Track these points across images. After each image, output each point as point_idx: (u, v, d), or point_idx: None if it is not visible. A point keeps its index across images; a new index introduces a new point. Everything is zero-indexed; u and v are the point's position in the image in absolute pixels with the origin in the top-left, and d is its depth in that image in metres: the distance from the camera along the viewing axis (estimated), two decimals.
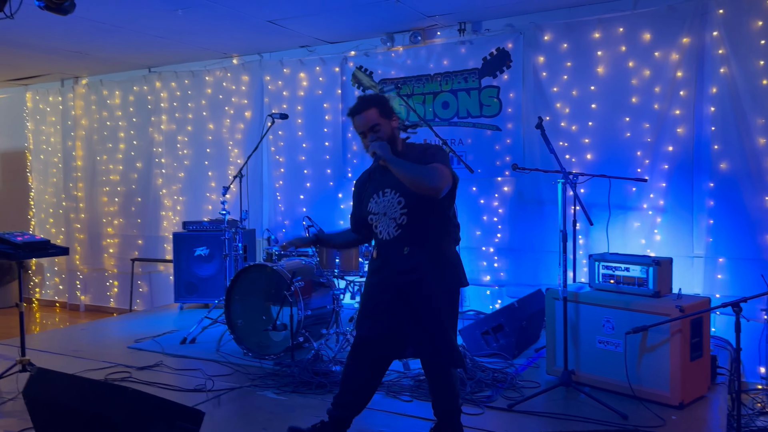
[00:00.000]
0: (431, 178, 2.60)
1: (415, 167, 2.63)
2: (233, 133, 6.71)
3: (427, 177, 2.60)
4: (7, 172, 8.55)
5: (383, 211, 2.79)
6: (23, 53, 6.38)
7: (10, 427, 3.19)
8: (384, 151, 2.67)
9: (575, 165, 5.08)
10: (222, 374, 4.05)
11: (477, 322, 4.39)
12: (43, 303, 8.19)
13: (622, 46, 4.92)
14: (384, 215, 2.78)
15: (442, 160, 2.69)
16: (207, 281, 6.08)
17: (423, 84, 5.74)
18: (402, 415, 3.32)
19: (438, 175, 2.61)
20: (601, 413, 3.23)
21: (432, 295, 2.71)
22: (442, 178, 2.61)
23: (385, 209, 2.78)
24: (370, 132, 2.77)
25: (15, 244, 3.71)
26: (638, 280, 3.60)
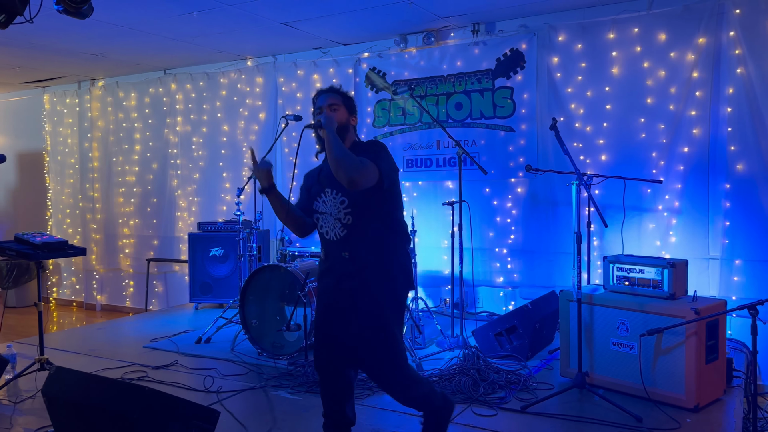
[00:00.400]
0: (351, 167, 2.47)
1: (344, 152, 2.51)
2: (247, 135, 6.75)
3: (347, 165, 2.47)
4: (26, 172, 8.67)
5: (329, 211, 2.69)
6: (41, 56, 6.47)
7: (29, 424, 3.24)
8: (329, 123, 2.58)
9: (589, 166, 5.06)
10: (237, 374, 4.09)
11: (490, 324, 4.39)
12: (60, 302, 8.29)
13: (637, 46, 4.90)
14: (329, 215, 2.68)
15: (375, 158, 2.59)
16: (221, 281, 6.12)
17: (436, 85, 5.74)
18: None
19: (359, 167, 2.49)
20: (616, 415, 3.22)
21: (374, 304, 2.58)
22: (362, 171, 2.49)
23: (330, 209, 2.68)
24: (328, 108, 2.72)
25: (34, 244, 3.76)
26: (653, 282, 3.58)
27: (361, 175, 2.49)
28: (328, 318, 2.69)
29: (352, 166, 2.48)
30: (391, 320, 2.62)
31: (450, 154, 5.70)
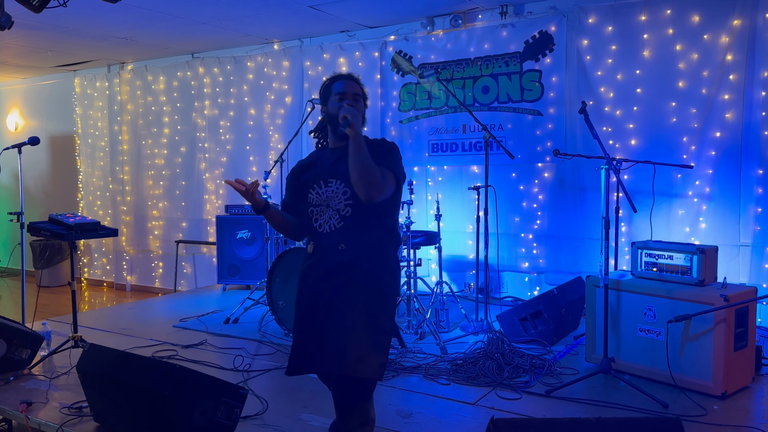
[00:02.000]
0: (374, 183, 2.29)
1: (370, 163, 2.30)
2: (274, 119, 6.79)
3: (370, 179, 2.29)
4: (57, 155, 8.85)
5: (326, 203, 2.47)
6: (72, 40, 6.57)
7: (63, 399, 3.34)
8: (356, 119, 2.30)
9: (619, 151, 4.99)
10: (264, 353, 4.16)
11: (515, 308, 4.39)
12: (91, 282, 8.49)
13: (669, 28, 4.80)
14: (327, 206, 2.46)
15: (393, 166, 2.43)
16: (249, 263, 6.21)
17: (463, 68, 5.70)
18: (439, 397, 3.36)
19: (381, 183, 2.32)
20: (641, 401, 3.21)
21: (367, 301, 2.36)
22: (383, 187, 2.33)
23: (328, 200, 2.47)
24: (352, 97, 2.48)
25: (68, 225, 3.86)
26: (682, 269, 3.54)
27: (380, 191, 2.33)
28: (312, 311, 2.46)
29: (374, 182, 2.30)
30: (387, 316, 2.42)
31: (476, 138, 5.67)
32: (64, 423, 3.02)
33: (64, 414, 3.13)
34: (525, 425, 2.09)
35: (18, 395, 3.38)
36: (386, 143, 2.53)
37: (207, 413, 2.70)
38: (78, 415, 3.10)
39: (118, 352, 2.99)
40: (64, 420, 3.05)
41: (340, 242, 2.42)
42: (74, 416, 3.10)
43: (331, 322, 2.37)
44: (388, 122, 6.13)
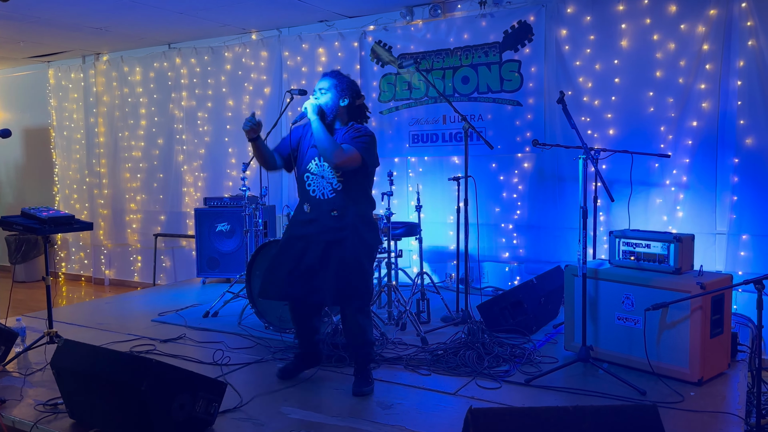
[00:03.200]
0: (335, 155, 3.04)
1: (327, 139, 3.06)
2: (253, 109, 6.71)
3: (331, 153, 3.04)
4: (32, 148, 8.69)
5: (321, 174, 3.20)
6: (45, 30, 6.44)
7: (38, 396, 3.29)
8: (314, 111, 3.13)
9: (597, 140, 5.02)
10: (243, 347, 4.13)
11: (495, 299, 4.40)
12: (68, 277, 8.37)
13: (646, 18, 4.82)
14: (321, 177, 3.20)
15: (361, 147, 3.11)
16: (228, 256, 6.16)
17: (443, 58, 5.68)
18: (420, 388, 3.35)
19: (342, 155, 3.05)
20: (620, 389, 3.24)
21: (356, 250, 3.16)
22: (345, 159, 3.06)
23: (323, 172, 3.20)
24: (318, 91, 3.22)
25: (41, 219, 3.78)
26: (659, 257, 3.57)
27: (344, 162, 3.07)
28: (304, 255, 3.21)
29: (335, 155, 3.04)
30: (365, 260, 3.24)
31: (456, 129, 5.66)
32: (39, 420, 2.97)
33: (39, 411, 3.07)
34: (502, 414, 2.09)
35: None
36: (360, 129, 3.22)
37: (185, 408, 2.67)
38: (53, 412, 3.05)
39: (93, 348, 2.94)
40: (39, 417, 3.00)
41: (333, 209, 3.18)
42: (49, 413, 3.04)
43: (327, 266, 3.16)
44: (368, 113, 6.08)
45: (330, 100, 3.21)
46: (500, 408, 2.56)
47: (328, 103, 3.20)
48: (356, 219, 3.19)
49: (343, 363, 3.72)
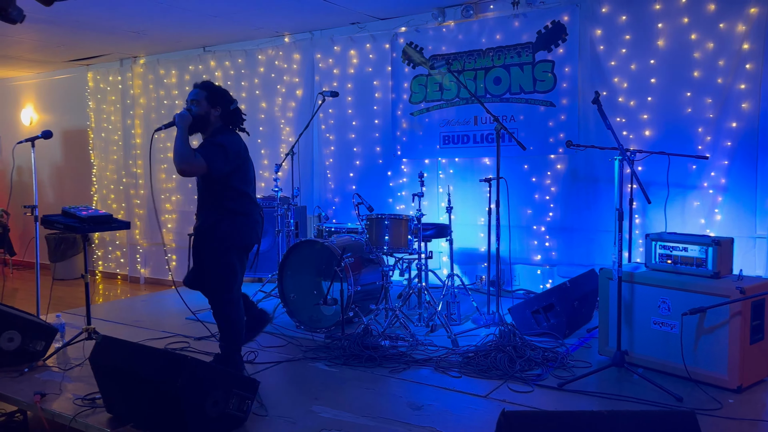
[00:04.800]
0: (180, 159, 3.22)
1: (179, 147, 3.25)
2: (285, 112, 6.79)
3: (178, 157, 3.23)
4: (71, 149, 8.91)
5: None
6: (84, 34, 6.60)
7: (77, 390, 3.37)
8: (180, 120, 3.32)
9: (632, 142, 4.94)
10: (275, 345, 4.17)
11: (527, 301, 4.36)
12: (105, 275, 8.56)
13: (684, 17, 4.73)
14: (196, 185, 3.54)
15: (202, 151, 3.28)
16: (260, 256, 6.20)
17: (474, 59, 5.65)
18: (450, 390, 3.34)
19: (184, 160, 3.22)
20: (655, 394, 3.18)
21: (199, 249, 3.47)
22: (184, 164, 3.23)
23: None
24: (190, 104, 3.42)
25: (81, 218, 3.88)
26: (697, 261, 3.49)
27: (188, 165, 3.23)
28: None
29: (179, 159, 3.22)
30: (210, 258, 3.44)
31: (488, 130, 5.63)
32: (78, 414, 3.04)
33: (78, 405, 3.16)
34: (536, 418, 2.07)
35: (32, 386, 3.42)
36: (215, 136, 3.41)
37: (219, 404, 2.71)
38: (91, 407, 3.13)
39: (130, 344, 3.01)
40: (77, 411, 3.08)
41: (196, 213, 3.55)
42: (87, 407, 3.12)
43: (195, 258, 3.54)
44: (399, 114, 6.11)
45: (201, 109, 3.39)
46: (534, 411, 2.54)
47: (199, 112, 3.39)
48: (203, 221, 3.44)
49: (374, 363, 3.73)
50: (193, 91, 3.45)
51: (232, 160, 3.35)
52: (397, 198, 6.18)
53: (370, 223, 4.52)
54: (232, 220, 3.43)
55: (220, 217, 3.41)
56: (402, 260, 4.84)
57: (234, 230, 3.43)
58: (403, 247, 4.52)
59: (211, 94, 3.43)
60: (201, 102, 3.40)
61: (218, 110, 3.43)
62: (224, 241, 3.41)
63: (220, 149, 3.31)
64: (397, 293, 5.25)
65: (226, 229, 3.41)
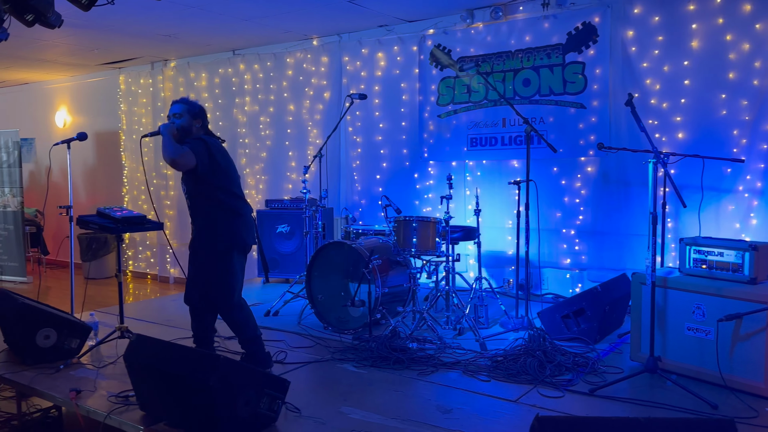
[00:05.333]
0: (171, 152, 3.38)
1: (167, 145, 3.41)
2: (312, 114, 6.83)
3: (168, 152, 3.39)
4: (103, 150, 9.09)
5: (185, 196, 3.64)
6: (118, 38, 6.73)
7: (111, 388, 3.42)
8: (164, 129, 3.48)
9: (665, 144, 4.86)
10: (304, 346, 4.20)
11: (557, 305, 4.31)
12: (135, 275, 8.70)
13: (719, 18, 4.64)
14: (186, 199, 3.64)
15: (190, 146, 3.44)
16: (288, 257, 6.27)
17: (503, 61, 5.62)
18: (479, 394, 3.32)
19: (176, 152, 3.39)
20: (689, 402, 3.12)
21: (199, 255, 3.57)
22: (174, 154, 3.38)
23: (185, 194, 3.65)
24: (173, 117, 3.59)
25: (115, 218, 3.95)
26: (733, 266, 3.42)
27: (180, 157, 3.38)
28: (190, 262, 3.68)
29: (167, 153, 3.39)
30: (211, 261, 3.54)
31: (516, 132, 5.59)
32: (112, 411, 3.09)
33: (112, 402, 3.21)
34: (571, 423, 2.05)
35: (68, 383, 3.48)
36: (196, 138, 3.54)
37: (250, 404, 2.73)
38: (125, 404, 3.17)
39: (163, 343, 3.05)
40: (111, 408, 3.13)
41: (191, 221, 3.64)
42: (121, 404, 3.17)
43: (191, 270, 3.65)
44: (426, 117, 6.10)
45: (185, 121, 3.59)
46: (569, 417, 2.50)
47: (183, 124, 3.58)
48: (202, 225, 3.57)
49: (402, 365, 3.73)
50: (175, 106, 3.64)
51: (217, 157, 3.50)
52: (424, 200, 6.17)
53: (398, 225, 4.53)
54: (230, 221, 3.55)
55: (216, 217, 3.53)
56: (429, 263, 4.83)
57: (233, 230, 3.55)
58: (430, 249, 4.51)
59: (192, 107, 3.64)
60: (184, 115, 3.59)
61: (199, 122, 3.64)
62: (224, 242, 3.52)
63: (203, 145, 3.49)
64: (424, 296, 5.24)
65: (225, 229, 3.53)
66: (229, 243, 3.53)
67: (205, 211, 3.54)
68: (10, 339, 4.04)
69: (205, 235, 3.55)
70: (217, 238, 3.51)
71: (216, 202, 3.52)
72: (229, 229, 3.54)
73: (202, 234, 3.56)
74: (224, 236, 3.52)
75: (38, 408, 3.71)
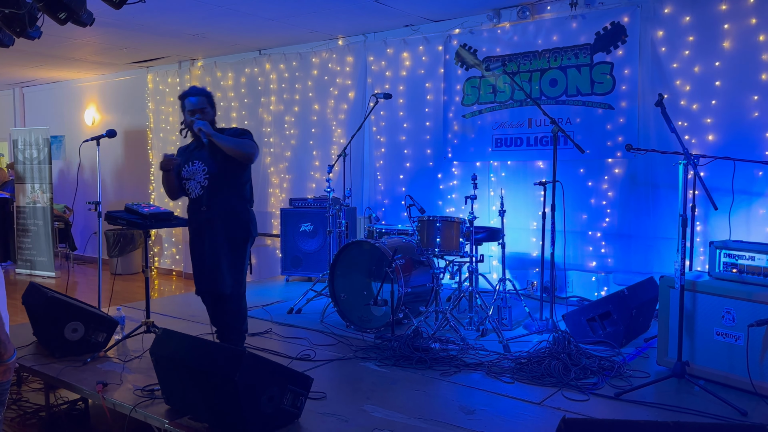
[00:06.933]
0: (247, 148, 3.49)
1: (234, 140, 3.49)
2: (337, 114, 6.85)
3: (244, 147, 3.48)
4: (131, 148, 9.23)
5: (191, 177, 3.62)
6: (147, 37, 6.83)
7: (137, 381, 3.47)
8: (208, 128, 3.50)
9: (695, 146, 4.78)
10: (326, 344, 4.21)
11: (583, 308, 4.26)
12: (161, 271, 8.81)
13: (752, 18, 4.55)
14: (192, 179, 3.61)
15: (252, 138, 3.57)
16: (311, 255, 6.29)
17: (530, 61, 5.58)
18: (503, 395, 3.30)
19: (252, 146, 3.51)
20: (717, 408, 3.06)
21: (217, 242, 3.52)
22: (255, 149, 3.52)
23: (192, 175, 3.62)
24: (198, 113, 3.58)
25: (143, 214, 4.00)
26: (764, 271, 3.34)
27: (255, 152, 3.53)
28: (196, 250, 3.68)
29: (246, 148, 3.49)
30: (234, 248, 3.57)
31: (542, 133, 5.54)
32: (137, 404, 3.13)
33: (137, 396, 3.25)
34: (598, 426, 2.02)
35: (95, 376, 3.54)
36: (243, 129, 3.64)
37: (274, 400, 2.74)
38: (150, 398, 3.21)
39: (189, 338, 3.07)
40: (137, 401, 3.17)
41: (203, 205, 3.58)
42: (146, 398, 3.21)
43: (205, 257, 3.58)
44: (451, 117, 6.08)
45: (209, 116, 3.62)
46: (595, 420, 2.47)
47: (212, 119, 3.64)
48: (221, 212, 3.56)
49: (425, 365, 3.72)
50: (192, 99, 3.60)
51: None
52: (447, 201, 6.15)
53: (422, 225, 4.51)
54: (249, 211, 3.67)
55: (239, 206, 3.61)
56: (453, 263, 4.81)
57: (253, 220, 3.68)
58: (454, 249, 4.49)
59: (209, 98, 3.66)
60: (206, 109, 3.62)
61: (215, 111, 3.73)
62: (247, 230, 3.61)
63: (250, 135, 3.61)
64: (446, 296, 5.22)
65: (248, 218, 3.64)
66: (250, 233, 3.64)
67: (231, 194, 3.58)
68: (39, 332, 4.12)
69: (230, 218, 3.57)
70: (241, 225, 3.59)
71: (242, 190, 3.63)
72: (251, 218, 3.67)
73: (225, 215, 3.56)
74: (245, 225, 3.61)
75: (66, 400, 3.77)
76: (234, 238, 3.57)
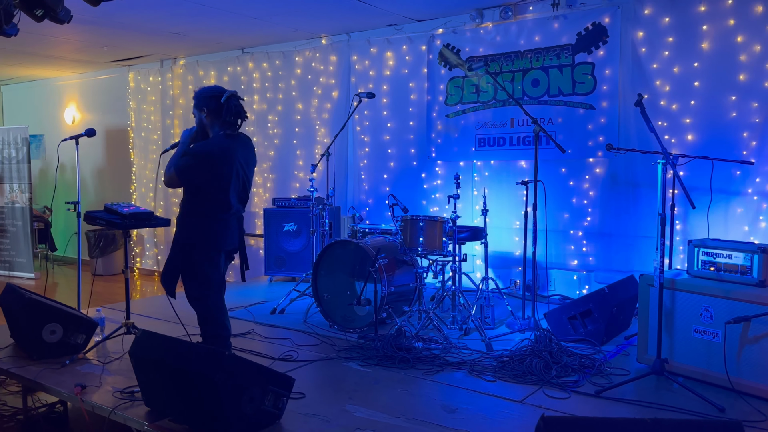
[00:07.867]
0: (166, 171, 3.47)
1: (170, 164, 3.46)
2: (320, 113, 6.83)
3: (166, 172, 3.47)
4: (112, 148, 9.13)
5: None
6: (128, 35, 6.75)
7: (116, 383, 3.43)
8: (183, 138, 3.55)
9: (674, 146, 4.83)
10: (309, 344, 4.19)
11: (564, 307, 4.29)
12: (143, 272, 8.73)
13: (730, 19, 4.61)
14: None
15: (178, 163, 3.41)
16: (295, 255, 6.27)
17: (512, 61, 5.61)
18: (485, 394, 3.31)
19: (168, 169, 3.46)
20: (696, 404, 3.10)
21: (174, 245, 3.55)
22: (166, 179, 3.48)
23: None
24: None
25: (122, 214, 3.96)
26: (741, 268, 3.39)
27: (169, 179, 3.47)
28: None
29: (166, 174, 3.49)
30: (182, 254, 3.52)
31: (524, 132, 5.57)
32: (117, 406, 3.10)
33: (117, 398, 3.21)
34: (577, 424, 2.03)
35: (73, 378, 3.49)
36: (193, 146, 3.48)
37: (255, 401, 2.73)
38: (130, 399, 3.18)
39: (169, 339, 3.05)
40: (116, 403, 3.13)
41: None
42: (126, 400, 3.18)
43: None
44: (434, 116, 6.09)
45: (196, 121, 3.52)
46: (574, 417, 2.49)
47: (199, 121, 3.51)
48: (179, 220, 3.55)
49: (407, 364, 3.72)
50: None
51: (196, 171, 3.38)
52: (431, 200, 6.16)
53: (405, 225, 4.52)
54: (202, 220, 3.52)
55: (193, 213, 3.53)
56: (436, 262, 4.82)
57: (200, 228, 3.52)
58: (437, 249, 4.50)
59: (195, 101, 3.51)
60: (193, 112, 3.53)
61: (204, 112, 3.45)
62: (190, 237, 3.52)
63: (192, 159, 3.39)
64: (430, 295, 5.23)
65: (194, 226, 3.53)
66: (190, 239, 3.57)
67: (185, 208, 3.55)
68: (16, 334, 4.06)
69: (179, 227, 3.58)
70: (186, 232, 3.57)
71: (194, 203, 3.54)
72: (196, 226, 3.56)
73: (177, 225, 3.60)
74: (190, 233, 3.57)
75: (44, 403, 3.73)
76: (183, 245, 3.50)
